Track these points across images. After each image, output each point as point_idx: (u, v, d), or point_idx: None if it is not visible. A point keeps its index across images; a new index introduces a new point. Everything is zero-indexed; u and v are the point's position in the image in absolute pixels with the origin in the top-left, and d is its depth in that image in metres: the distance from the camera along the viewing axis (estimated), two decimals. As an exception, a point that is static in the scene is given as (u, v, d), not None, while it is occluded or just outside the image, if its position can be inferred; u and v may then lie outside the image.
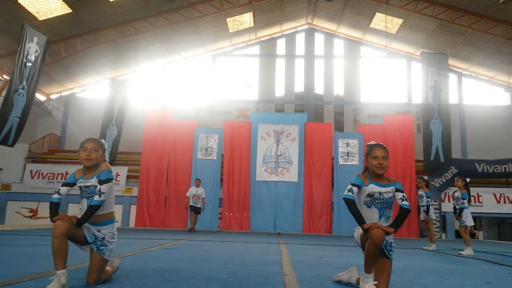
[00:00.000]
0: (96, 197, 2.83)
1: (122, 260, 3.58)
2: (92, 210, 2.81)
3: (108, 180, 2.90)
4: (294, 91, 21.53)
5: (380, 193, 2.83)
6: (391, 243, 2.81)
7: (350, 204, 2.79)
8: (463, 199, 7.30)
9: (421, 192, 8.47)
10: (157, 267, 3.86)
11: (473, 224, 7.63)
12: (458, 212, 7.28)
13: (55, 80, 19.74)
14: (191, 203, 12.10)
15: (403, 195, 2.84)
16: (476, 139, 19.42)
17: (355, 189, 2.83)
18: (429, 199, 8.32)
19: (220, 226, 14.77)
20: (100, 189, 2.85)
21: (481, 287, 3.42)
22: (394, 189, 2.85)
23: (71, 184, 2.96)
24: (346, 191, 2.83)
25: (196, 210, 12.14)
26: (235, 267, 4.11)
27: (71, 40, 16.96)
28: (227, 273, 3.65)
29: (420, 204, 8.55)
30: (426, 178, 8.58)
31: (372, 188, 2.84)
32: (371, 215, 2.82)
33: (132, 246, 6.17)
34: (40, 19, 14.99)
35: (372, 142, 2.97)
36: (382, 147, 2.91)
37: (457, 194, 7.54)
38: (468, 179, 7.33)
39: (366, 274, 2.71)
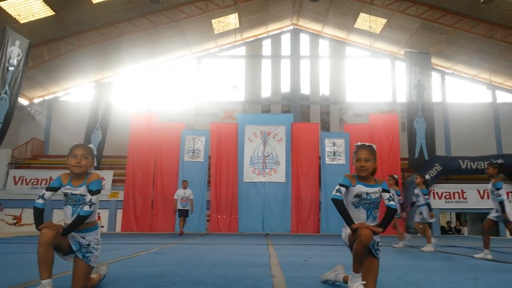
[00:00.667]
0: (86, 208, 2.79)
1: (109, 266, 3.54)
2: (80, 220, 2.77)
3: (99, 191, 2.87)
4: (281, 91, 21.59)
5: (367, 194, 2.86)
6: (378, 242, 2.84)
7: (339, 204, 2.81)
8: (425, 194, 7.27)
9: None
10: (144, 273, 3.83)
11: (433, 220, 7.52)
12: (412, 205, 7.37)
13: (38, 83, 19.42)
14: (179, 207, 11.75)
15: (390, 195, 2.88)
16: (460, 136, 19.73)
17: (343, 189, 2.85)
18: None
19: (208, 229, 14.71)
20: (91, 199, 2.81)
21: (467, 282, 3.47)
22: (381, 190, 2.88)
23: (56, 189, 2.89)
24: (334, 191, 2.85)
25: (185, 214, 11.85)
26: (224, 270, 4.09)
27: (54, 43, 16.71)
28: (215, 276, 3.64)
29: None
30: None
31: (360, 188, 2.87)
32: (359, 215, 2.85)
33: (119, 252, 6.10)
34: (21, 22, 14.73)
35: (359, 143, 3.00)
36: (366, 148, 2.93)
37: (417, 191, 7.49)
38: (427, 176, 7.32)
39: (354, 274, 2.73)
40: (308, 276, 3.69)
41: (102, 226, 15.65)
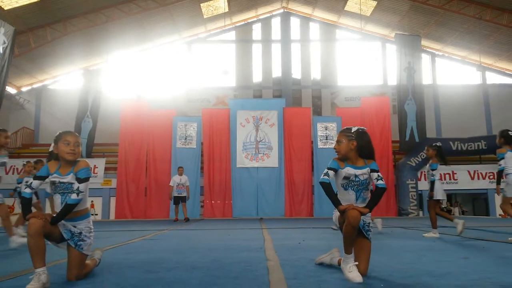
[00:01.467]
0: (74, 196, 2.75)
1: (104, 253, 3.54)
2: (68, 208, 2.74)
3: (87, 179, 2.83)
4: (272, 76, 21.50)
5: (355, 175, 2.88)
6: (369, 223, 2.88)
7: (326, 187, 2.85)
8: (432, 169, 6.31)
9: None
10: (139, 259, 3.84)
11: (444, 198, 6.56)
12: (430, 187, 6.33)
13: (25, 72, 19.11)
14: (175, 194, 11.68)
15: (378, 175, 2.90)
16: (450, 118, 19.89)
17: (331, 172, 2.88)
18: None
19: (203, 214, 14.78)
20: (78, 187, 2.77)
21: (458, 262, 3.54)
22: (369, 170, 2.91)
23: (44, 178, 2.84)
24: (322, 175, 2.89)
25: (182, 199, 11.76)
26: (218, 254, 4.12)
27: (40, 30, 16.40)
28: (210, 261, 3.66)
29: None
30: (439, 144, 6.45)
31: (348, 170, 2.89)
32: (349, 197, 2.88)
33: (113, 239, 6.11)
34: (5, 8, 14.40)
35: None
36: (341, 132, 3.02)
37: (427, 167, 6.58)
38: (439, 144, 6.38)
39: (346, 255, 2.77)
40: (303, 259, 3.73)
41: (96, 214, 15.65)
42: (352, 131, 2.96)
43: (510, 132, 5.70)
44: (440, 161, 6.37)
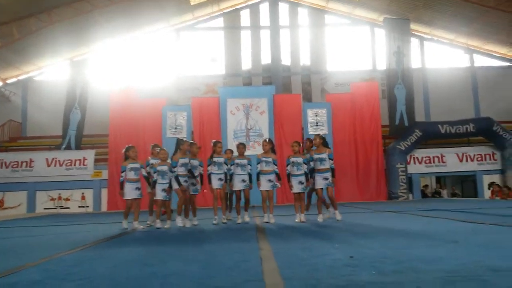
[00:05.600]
0: None
1: (98, 246, 3.55)
2: None
3: None
4: (261, 63, 21.36)
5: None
6: None
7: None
8: (331, 159, 6.55)
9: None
10: (134, 251, 3.86)
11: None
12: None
13: (9, 64, 18.72)
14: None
15: None
16: (439, 101, 20.02)
17: None
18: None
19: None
20: None
21: (448, 245, 3.61)
22: None
23: None
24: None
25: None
26: (212, 245, 4.16)
27: (24, 20, 16.01)
28: (204, 252, 3.69)
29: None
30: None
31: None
32: None
33: (107, 232, 6.10)
34: (-14, -1, 14.05)
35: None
36: None
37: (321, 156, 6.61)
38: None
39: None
40: (294, 247, 3.78)
41: (87, 206, 15.58)
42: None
43: None
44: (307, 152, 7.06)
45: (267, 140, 7.01)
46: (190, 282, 2.51)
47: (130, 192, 6.51)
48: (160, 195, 6.63)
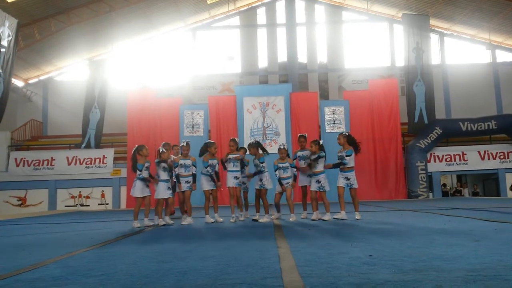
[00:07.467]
0: None
1: (116, 243, 3.59)
2: None
3: None
4: (277, 61, 21.31)
5: None
6: None
7: None
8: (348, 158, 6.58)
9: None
10: (152, 249, 3.88)
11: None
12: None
13: (31, 64, 19.17)
14: None
15: None
16: (460, 98, 19.62)
17: None
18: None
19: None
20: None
21: (469, 245, 3.52)
22: None
23: None
24: None
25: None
26: (230, 242, 4.15)
27: (44, 22, 16.38)
28: (222, 249, 3.69)
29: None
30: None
31: None
32: None
33: (125, 229, 6.17)
34: (9, 1, 14.38)
35: None
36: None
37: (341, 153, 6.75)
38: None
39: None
40: (314, 245, 3.74)
41: (107, 204, 15.84)
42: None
43: None
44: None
45: (283, 147, 7.12)
46: (207, 278, 2.51)
47: (164, 191, 6.57)
48: (184, 186, 6.95)
